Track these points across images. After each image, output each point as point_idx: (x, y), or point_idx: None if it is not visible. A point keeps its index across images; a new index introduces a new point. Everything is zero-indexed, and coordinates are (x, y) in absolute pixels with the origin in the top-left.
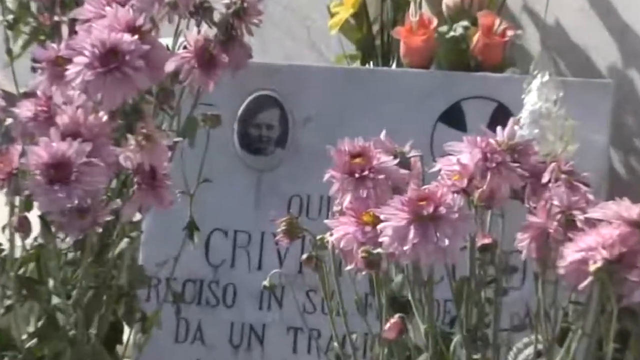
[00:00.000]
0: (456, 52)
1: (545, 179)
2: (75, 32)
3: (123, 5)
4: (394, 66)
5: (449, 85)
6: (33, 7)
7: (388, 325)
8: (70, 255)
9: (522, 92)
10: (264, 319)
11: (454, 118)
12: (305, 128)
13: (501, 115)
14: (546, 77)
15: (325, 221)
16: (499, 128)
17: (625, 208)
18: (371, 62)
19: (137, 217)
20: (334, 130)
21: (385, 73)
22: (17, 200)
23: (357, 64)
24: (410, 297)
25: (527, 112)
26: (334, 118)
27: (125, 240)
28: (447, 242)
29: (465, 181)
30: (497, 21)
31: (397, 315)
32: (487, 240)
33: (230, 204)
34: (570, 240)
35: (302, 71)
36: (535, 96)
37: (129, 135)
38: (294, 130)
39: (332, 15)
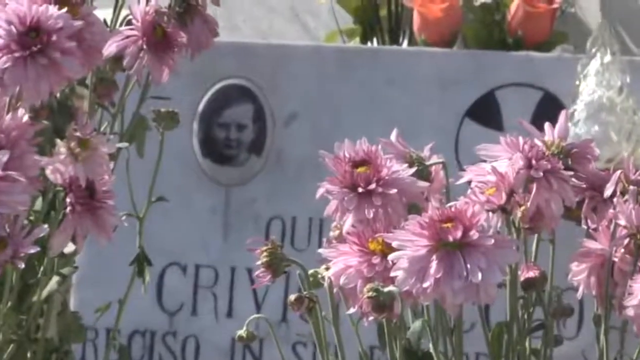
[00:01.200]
0: (488, 25)
1: (608, 192)
2: None
3: None
4: (405, 44)
5: (479, 70)
6: None
7: None
8: None
9: (576, 77)
10: None
11: (486, 112)
12: (289, 128)
13: (549, 107)
14: (608, 57)
15: (320, 250)
16: (547, 125)
17: None
18: (374, 40)
19: (70, 248)
20: (327, 130)
21: (393, 54)
22: None
23: (356, 42)
24: (431, 350)
25: (582, 103)
26: (327, 114)
27: (55, 279)
28: (479, 276)
29: (504, 196)
30: None
31: None
32: (532, 274)
33: (189, 230)
34: None
35: (283, 52)
36: (593, 82)
37: (57, 141)
38: (274, 132)
39: None
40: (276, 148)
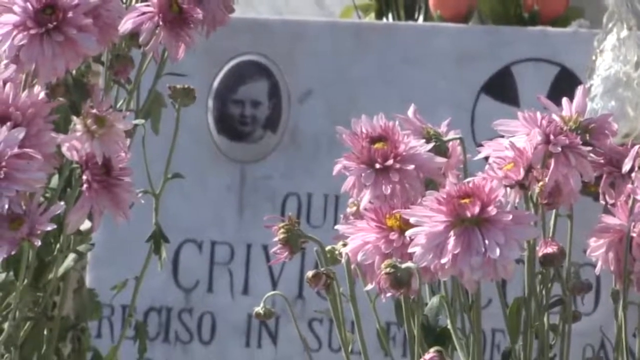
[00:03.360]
0: (504, 0)
1: (626, 168)
2: None
3: None
4: (420, 20)
5: (495, 45)
6: None
7: None
8: None
9: (592, 52)
10: (252, 359)
11: (502, 88)
12: (304, 105)
13: (565, 83)
14: (625, 32)
15: (337, 227)
16: (564, 100)
17: None
18: (390, 15)
19: (86, 225)
20: (343, 107)
21: (409, 30)
22: None
23: (371, 18)
24: (449, 326)
25: (599, 78)
26: (342, 91)
27: (72, 256)
28: (498, 252)
29: (522, 171)
30: None
31: (433, 350)
32: (551, 249)
33: (205, 207)
34: None
35: (298, 28)
36: (610, 57)
37: (74, 118)
38: (289, 108)
39: None
40: (292, 125)
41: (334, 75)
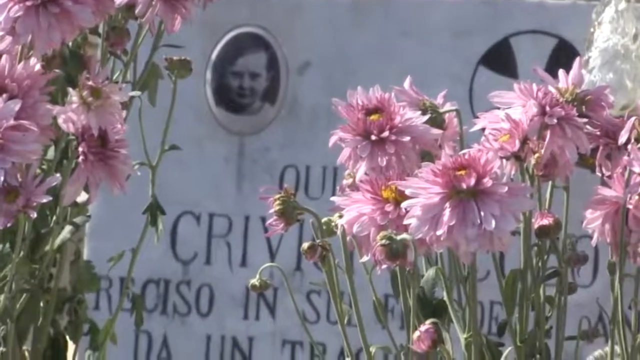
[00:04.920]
0: None
1: (622, 139)
2: None
3: None
4: None
5: (493, 17)
6: None
7: (418, 334)
8: None
9: (590, 24)
10: (250, 331)
11: (500, 60)
12: (303, 77)
13: (563, 55)
14: (623, 4)
15: (333, 198)
16: (561, 72)
17: None
18: None
19: (82, 197)
20: (340, 78)
21: (406, 3)
22: None
23: None
24: (445, 298)
25: (597, 50)
26: (340, 63)
27: (68, 228)
28: (493, 223)
29: (518, 143)
30: None
31: (429, 322)
32: (547, 221)
33: (203, 179)
34: None
35: (296, 1)
36: (608, 30)
37: (70, 90)
38: (288, 80)
39: None
40: (290, 97)
41: (332, 48)
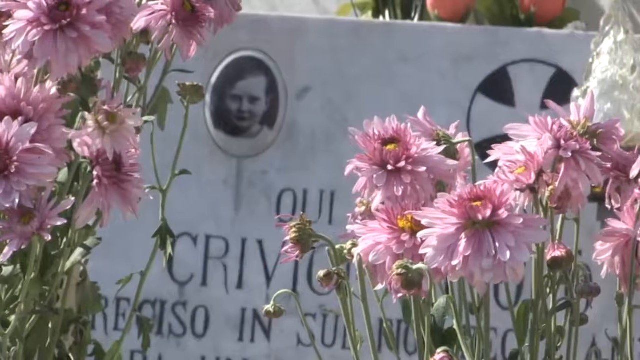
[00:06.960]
0: (501, 1)
1: (634, 173)
2: None
3: None
4: (417, 19)
5: (492, 45)
6: None
7: None
8: (5, 271)
9: (588, 54)
10: (245, 353)
11: (498, 88)
12: (302, 101)
13: (560, 84)
14: (621, 36)
15: (349, 227)
16: (573, 105)
17: None
18: (387, 13)
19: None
20: (339, 104)
21: (406, 28)
22: None
23: (368, 15)
24: (455, 326)
25: (596, 81)
26: (339, 88)
27: (79, 251)
28: (508, 254)
29: (533, 175)
30: None
31: (441, 350)
32: (559, 253)
33: (201, 201)
34: None
35: (297, 25)
36: (606, 60)
37: (85, 114)
38: (287, 104)
39: None
40: (288, 120)
41: (331, 72)
